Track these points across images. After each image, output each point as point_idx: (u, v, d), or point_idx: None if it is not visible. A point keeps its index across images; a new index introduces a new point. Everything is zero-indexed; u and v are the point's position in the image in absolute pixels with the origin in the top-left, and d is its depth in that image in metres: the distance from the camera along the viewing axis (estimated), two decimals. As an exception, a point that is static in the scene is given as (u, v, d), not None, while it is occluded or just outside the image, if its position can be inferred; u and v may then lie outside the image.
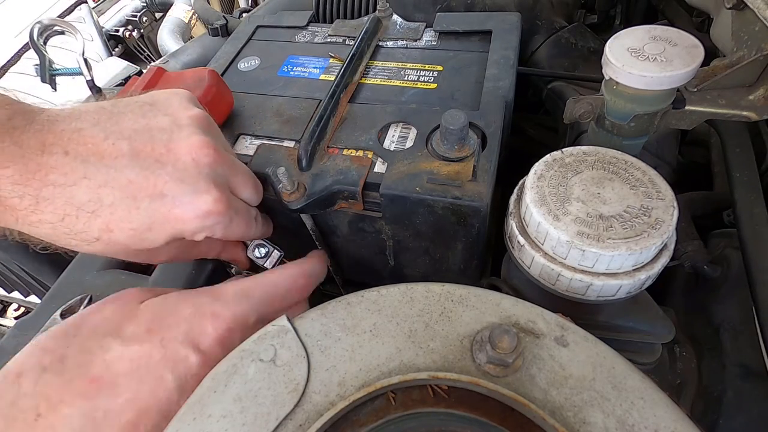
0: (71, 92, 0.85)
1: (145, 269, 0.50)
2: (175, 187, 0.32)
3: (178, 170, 0.33)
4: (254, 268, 0.66)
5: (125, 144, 0.31)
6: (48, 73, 0.59)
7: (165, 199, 0.32)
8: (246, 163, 0.48)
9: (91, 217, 0.31)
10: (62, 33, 0.57)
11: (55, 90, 0.62)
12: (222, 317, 0.35)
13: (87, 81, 0.56)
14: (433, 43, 0.62)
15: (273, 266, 0.47)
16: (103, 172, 0.30)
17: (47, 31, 0.56)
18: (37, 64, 0.58)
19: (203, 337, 0.34)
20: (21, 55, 1.32)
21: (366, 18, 0.64)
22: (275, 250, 0.47)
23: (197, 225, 0.34)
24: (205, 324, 0.34)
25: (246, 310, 0.36)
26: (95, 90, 0.56)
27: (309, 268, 0.43)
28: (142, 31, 1.68)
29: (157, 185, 0.32)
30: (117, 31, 1.63)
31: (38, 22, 0.55)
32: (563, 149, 0.42)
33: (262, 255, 0.47)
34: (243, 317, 0.36)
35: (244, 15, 0.94)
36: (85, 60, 0.56)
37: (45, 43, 0.57)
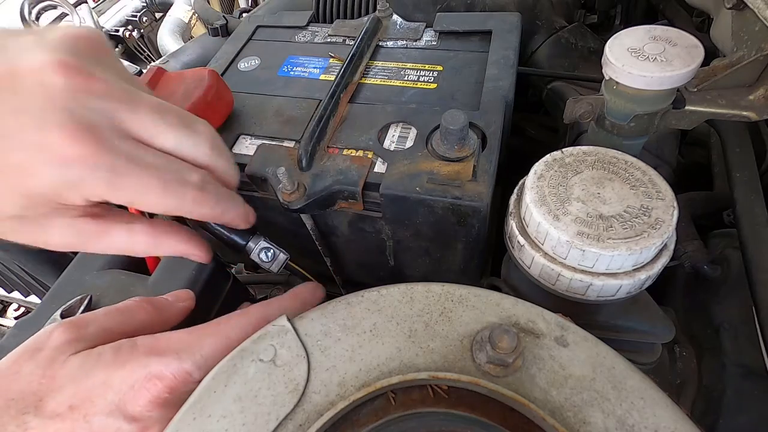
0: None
1: (146, 269, 0.50)
2: (14, 121, 0.24)
3: (19, 97, 0.24)
4: (256, 269, 0.66)
5: None
6: None
7: (1, 140, 0.24)
8: (246, 164, 0.48)
9: None
10: (54, 8, 0.54)
11: None
12: (160, 378, 0.30)
13: None
14: (433, 43, 0.62)
15: (279, 270, 0.46)
16: None
17: (38, 4, 0.53)
18: None
19: (137, 403, 0.29)
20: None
21: (366, 18, 0.64)
22: (281, 253, 0.46)
23: (54, 177, 0.25)
24: (139, 389, 0.29)
25: (189, 367, 0.31)
26: None
27: (276, 312, 0.35)
28: (142, 31, 1.68)
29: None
30: (117, 31, 1.63)
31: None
32: (563, 149, 0.42)
33: (268, 259, 0.45)
34: (185, 375, 0.31)
35: (244, 15, 0.94)
36: None
37: (37, 20, 0.54)
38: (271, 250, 0.46)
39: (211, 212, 0.33)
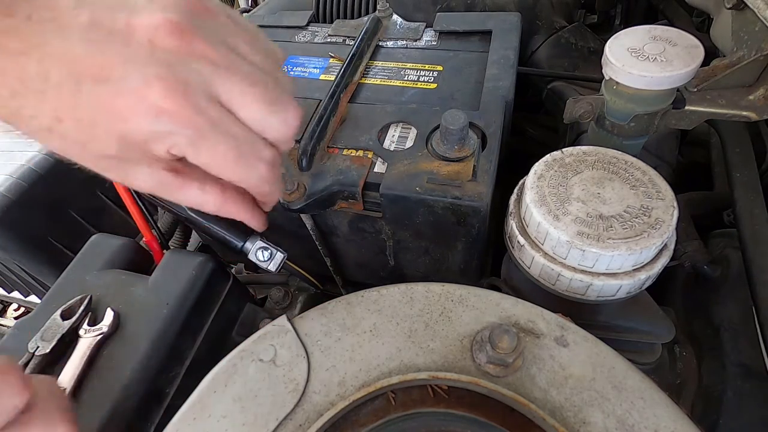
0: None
1: (146, 269, 0.50)
2: (122, 69, 0.26)
3: (129, 49, 0.26)
4: (256, 269, 0.66)
5: (86, 12, 0.26)
6: None
7: (108, 84, 0.26)
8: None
9: (40, 97, 0.26)
10: None
11: None
12: None
13: None
14: (433, 43, 0.62)
15: (277, 269, 0.46)
16: (56, 44, 0.25)
17: None
18: None
19: None
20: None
21: (366, 18, 0.64)
22: (278, 252, 0.46)
23: (145, 125, 0.27)
24: None
25: None
26: None
27: None
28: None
29: (104, 66, 0.26)
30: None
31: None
32: (563, 149, 0.42)
33: (265, 258, 0.46)
34: None
35: (244, 15, 0.94)
36: None
37: None
38: (269, 250, 0.46)
39: (269, 191, 0.33)
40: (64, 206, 0.78)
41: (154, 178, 0.31)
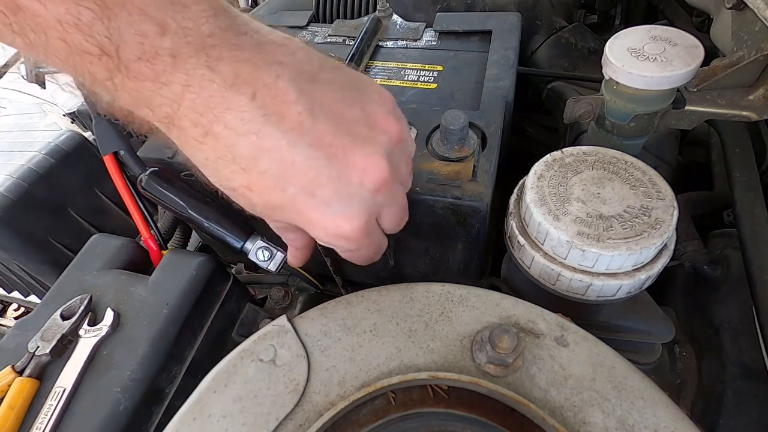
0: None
1: (146, 269, 0.50)
2: (328, 195, 0.30)
3: (339, 181, 0.30)
4: (256, 269, 0.66)
5: (309, 121, 0.28)
6: (34, 72, 0.58)
7: (312, 198, 0.30)
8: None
9: (241, 171, 0.29)
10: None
11: (44, 88, 0.61)
12: None
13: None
14: (433, 43, 0.62)
15: (277, 269, 0.46)
16: (274, 138, 0.28)
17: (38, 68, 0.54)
18: (23, 62, 0.57)
19: None
20: (21, 55, 1.32)
21: (366, 18, 0.64)
22: (278, 252, 0.46)
23: (326, 238, 0.32)
24: None
25: None
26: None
27: None
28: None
29: (313, 182, 0.29)
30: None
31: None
32: (563, 149, 0.42)
33: (266, 258, 0.46)
34: None
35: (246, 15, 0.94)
36: None
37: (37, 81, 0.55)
38: (269, 250, 0.46)
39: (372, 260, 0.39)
40: (64, 206, 0.78)
41: (292, 231, 0.38)
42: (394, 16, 0.66)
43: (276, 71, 0.28)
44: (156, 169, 0.48)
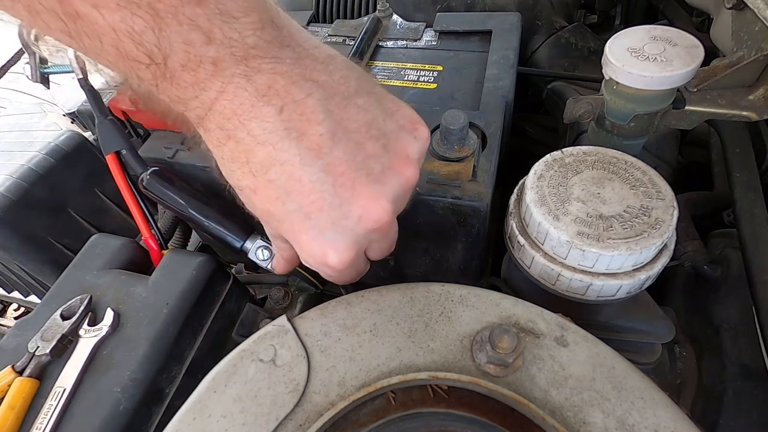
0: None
1: (146, 269, 0.50)
2: (323, 221, 0.30)
3: (339, 211, 0.30)
4: (256, 269, 0.66)
5: (328, 145, 0.28)
6: (39, 72, 0.58)
7: (307, 220, 0.30)
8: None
9: (250, 175, 0.29)
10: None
11: (48, 88, 0.61)
12: None
13: (79, 79, 0.55)
14: (433, 43, 0.62)
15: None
16: (289, 153, 0.28)
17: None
18: (28, 62, 0.57)
19: None
20: (22, 55, 1.32)
21: (366, 18, 0.64)
22: None
23: (310, 261, 0.33)
24: None
25: None
26: (87, 89, 0.55)
27: None
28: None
29: (313, 204, 0.29)
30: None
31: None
32: (563, 149, 0.42)
33: (265, 257, 0.46)
34: None
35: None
36: (77, 57, 0.55)
37: (36, 40, 0.55)
38: (269, 249, 0.46)
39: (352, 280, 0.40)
40: (64, 206, 0.78)
41: (283, 242, 0.37)
42: (394, 16, 0.66)
43: (309, 89, 0.28)
44: (157, 168, 0.48)
